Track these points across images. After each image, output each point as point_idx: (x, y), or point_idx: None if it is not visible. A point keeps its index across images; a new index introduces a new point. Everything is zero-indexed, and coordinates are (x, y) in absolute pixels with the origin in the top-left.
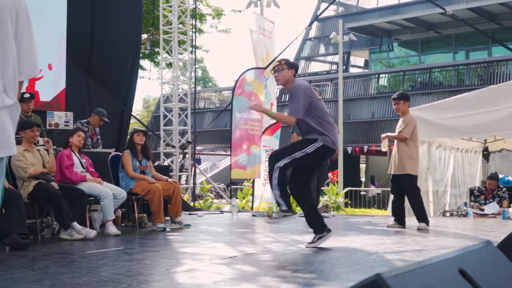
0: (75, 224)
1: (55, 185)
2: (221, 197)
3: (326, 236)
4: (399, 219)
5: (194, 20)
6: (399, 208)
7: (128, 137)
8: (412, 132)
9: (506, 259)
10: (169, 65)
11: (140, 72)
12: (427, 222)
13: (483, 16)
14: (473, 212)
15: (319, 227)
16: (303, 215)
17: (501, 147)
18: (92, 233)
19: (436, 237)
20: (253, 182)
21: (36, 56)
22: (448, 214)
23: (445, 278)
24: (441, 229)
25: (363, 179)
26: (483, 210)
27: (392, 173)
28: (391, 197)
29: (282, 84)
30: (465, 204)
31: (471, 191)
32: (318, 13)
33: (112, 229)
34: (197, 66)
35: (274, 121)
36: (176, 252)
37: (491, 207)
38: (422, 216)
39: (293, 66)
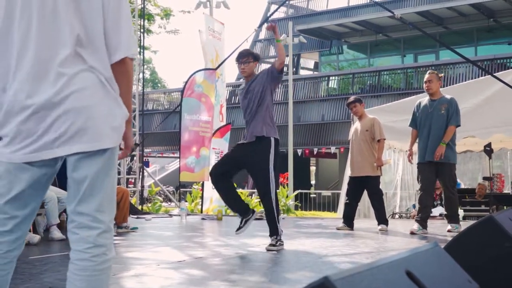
0: None
1: None
2: (170, 200)
3: None
4: (349, 221)
5: (142, 20)
6: (352, 211)
7: None
8: None
9: (453, 261)
10: None
11: None
12: (387, 224)
13: (431, 20)
14: None
15: None
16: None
17: None
18: (36, 238)
19: (385, 239)
20: (202, 185)
21: None
22: (397, 216)
23: (392, 280)
24: (390, 231)
25: (313, 182)
26: (431, 212)
27: (357, 175)
28: (342, 199)
29: (247, 76)
30: (414, 206)
31: None
32: (268, 15)
33: (56, 233)
34: (145, 67)
35: (223, 123)
36: (123, 256)
37: (438, 210)
38: (384, 218)
39: (257, 59)
